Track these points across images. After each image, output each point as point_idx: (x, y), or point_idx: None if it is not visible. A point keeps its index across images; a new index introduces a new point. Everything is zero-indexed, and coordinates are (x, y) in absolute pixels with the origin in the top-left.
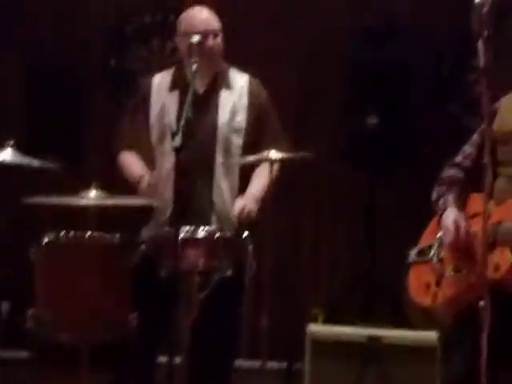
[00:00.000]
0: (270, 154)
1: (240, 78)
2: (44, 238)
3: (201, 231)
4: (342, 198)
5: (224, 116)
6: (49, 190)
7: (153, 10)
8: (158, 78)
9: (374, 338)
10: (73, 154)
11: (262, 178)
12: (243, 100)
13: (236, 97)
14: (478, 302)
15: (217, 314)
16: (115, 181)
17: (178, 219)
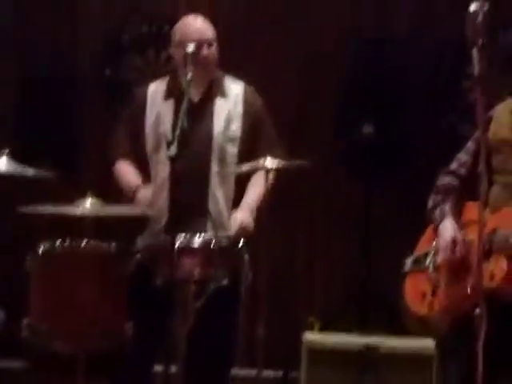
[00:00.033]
0: (265, 163)
1: (235, 86)
2: (39, 247)
3: (197, 240)
4: (337, 207)
5: (219, 125)
6: (44, 199)
7: (148, 20)
8: (152, 87)
9: (371, 346)
10: (68, 163)
11: (257, 188)
12: (238, 108)
13: (231, 105)
14: (473, 311)
15: (213, 323)
16: (110, 190)
17: (173, 228)
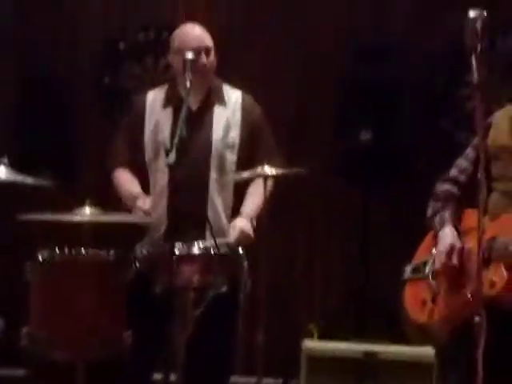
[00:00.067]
0: (263, 170)
1: (233, 94)
2: (38, 256)
3: (196, 247)
4: (335, 213)
5: (218, 132)
6: (43, 207)
7: (146, 28)
8: (151, 95)
9: (370, 353)
10: (67, 171)
11: (256, 196)
12: (237, 116)
13: (229, 112)
14: (473, 319)
15: (212, 331)
16: (109, 198)
17: (172, 235)
